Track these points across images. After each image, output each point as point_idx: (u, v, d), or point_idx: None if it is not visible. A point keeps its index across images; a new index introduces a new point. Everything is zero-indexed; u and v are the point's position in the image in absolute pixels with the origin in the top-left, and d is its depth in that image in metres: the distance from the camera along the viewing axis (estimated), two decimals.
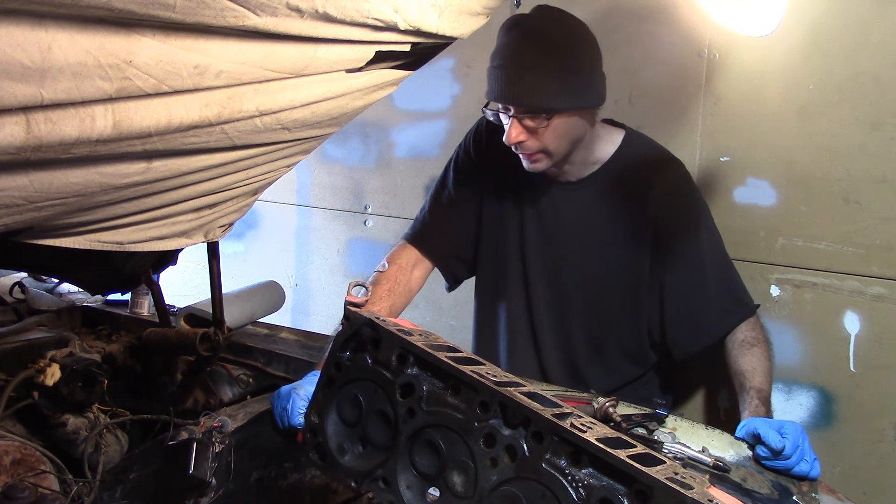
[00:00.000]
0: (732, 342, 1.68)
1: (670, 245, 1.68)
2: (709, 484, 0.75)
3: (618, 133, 1.75)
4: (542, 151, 1.60)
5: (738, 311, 1.71)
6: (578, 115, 1.58)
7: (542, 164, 1.62)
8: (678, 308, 1.71)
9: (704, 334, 1.71)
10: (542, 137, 1.56)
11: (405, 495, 0.83)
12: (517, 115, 1.54)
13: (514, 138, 1.56)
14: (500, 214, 1.83)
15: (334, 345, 0.93)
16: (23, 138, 0.76)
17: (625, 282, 1.73)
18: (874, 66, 1.75)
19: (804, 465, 1.28)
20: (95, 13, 0.71)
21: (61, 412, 1.43)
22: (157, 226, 1.28)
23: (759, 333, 1.69)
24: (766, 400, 1.53)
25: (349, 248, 2.81)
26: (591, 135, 1.67)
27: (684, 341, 1.73)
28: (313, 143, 1.24)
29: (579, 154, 1.68)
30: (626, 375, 1.84)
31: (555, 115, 1.53)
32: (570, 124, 1.57)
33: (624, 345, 1.80)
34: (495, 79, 1.54)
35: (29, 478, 1.21)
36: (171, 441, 1.33)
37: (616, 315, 1.77)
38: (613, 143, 1.72)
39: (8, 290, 1.97)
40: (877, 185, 1.78)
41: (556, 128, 1.55)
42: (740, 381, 1.59)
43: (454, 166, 1.88)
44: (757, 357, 1.62)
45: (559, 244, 1.77)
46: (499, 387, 0.79)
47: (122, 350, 1.69)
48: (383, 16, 0.94)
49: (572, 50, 1.52)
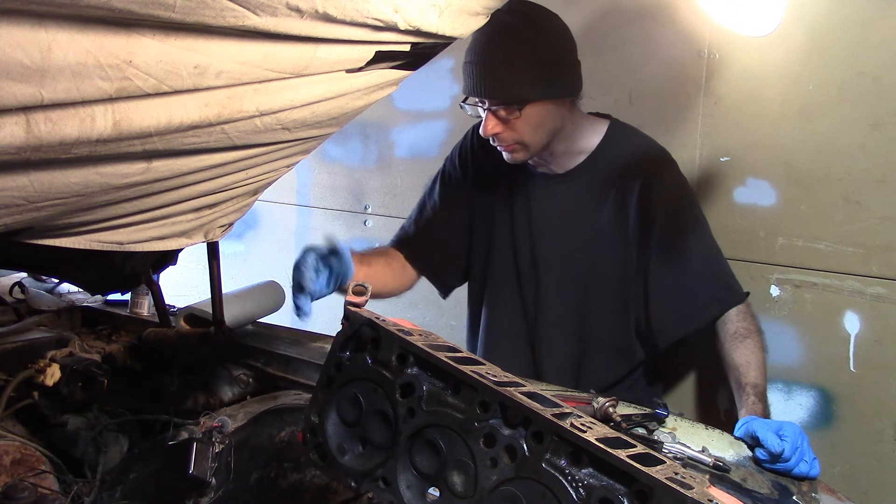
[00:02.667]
0: (724, 334, 1.67)
1: (655, 231, 1.68)
2: (709, 484, 0.75)
3: (602, 123, 1.76)
4: (519, 142, 1.62)
5: (726, 297, 1.69)
6: (553, 105, 1.60)
7: (520, 154, 1.65)
8: (662, 293, 1.71)
9: (688, 319, 1.70)
10: (516, 128, 1.59)
11: (405, 495, 0.83)
12: (491, 107, 1.58)
13: (489, 130, 1.59)
14: (490, 216, 1.85)
15: (334, 345, 0.93)
16: (23, 138, 0.76)
17: (613, 272, 1.74)
18: (874, 66, 1.75)
19: (804, 465, 1.28)
20: (95, 13, 0.71)
21: (61, 412, 1.43)
22: (157, 226, 1.28)
23: (751, 324, 1.67)
24: (762, 395, 1.53)
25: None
26: (573, 125, 1.69)
27: (668, 327, 1.72)
28: (313, 143, 1.24)
29: (562, 144, 1.69)
30: (615, 372, 1.83)
31: (526, 105, 1.55)
32: (544, 114, 1.60)
33: (614, 339, 1.80)
34: (468, 74, 1.58)
35: (29, 478, 1.21)
36: (171, 441, 1.33)
37: (605, 307, 1.77)
38: (598, 134, 1.73)
39: (8, 290, 1.97)
40: (877, 185, 1.78)
41: (530, 118, 1.58)
42: (735, 376, 1.59)
43: (441, 179, 1.91)
44: (750, 350, 1.61)
45: (548, 238, 1.78)
46: (499, 387, 0.79)
47: (122, 350, 1.69)
48: (383, 16, 0.94)
49: (541, 41, 1.55)
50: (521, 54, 1.52)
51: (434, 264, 1.91)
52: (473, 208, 1.87)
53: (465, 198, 1.87)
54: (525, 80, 1.54)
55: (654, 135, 1.83)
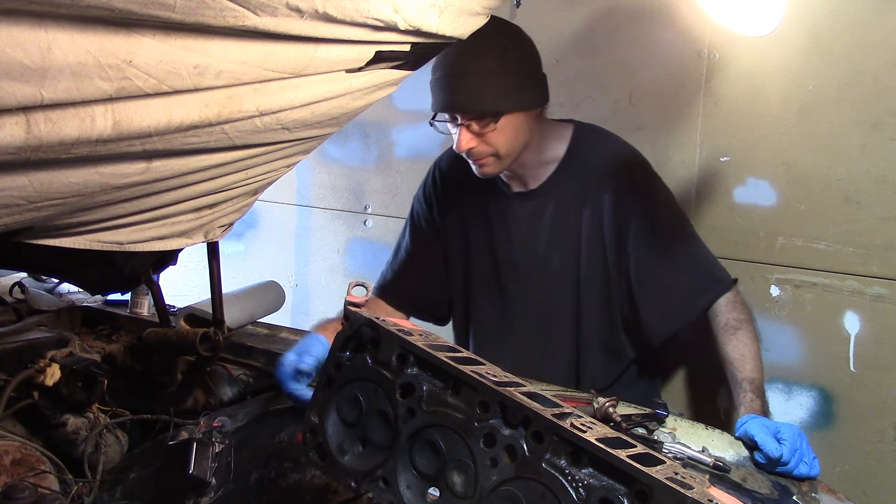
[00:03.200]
0: (716, 326, 1.65)
1: (631, 232, 1.68)
2: (709, 484, 0.75)
3: (567, 129, 1.76)
4: (493, 155, 1.63)
5: (712, 287, 1.68)
6: (525, 115, 1.61)
7: (492, 168, 1.66)
8: (647, 292, 1.70)
9: (677, 315, 1.70)
10: (491, 141, 1.60)
11: (405, 495, 0.83)
12: (465, 122, 1.57)
13: (464, 145, 1.59)
14: (467, 245, 1.86)
15: (334, 345, 0.93)
16: (23, 138, 0.76)
17: (598, 277, 1.74)
18: (874, 66, 1.75)
19: (804, 466, 1.28)
20: (95, 13, 0.71)
21: (61, 412, 1.43)
22: (157, 226, 1.28)
23: (741, 313, 1.65)
24: (759, 391, 1.52)
25: (349, 248, 2.81)
26: (541, 135, 1.70)
27: (657, 324, 1.72)
28: (313, 143, 1.24)
29: (531, 156, 1.70)
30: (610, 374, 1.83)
31: (501, 116, 1.56)
32: (518, 125, 1.60)
33: (605, 342, 1.80)
34: (439, 89, 1.57)
35: (29, 478, 1.21)
36: (171, 441, 1.33)
37: (594, 312, 1.77)
38: (565, 140, 1.74)
39: (8, 290, 1.97)
40: (877, 185, 1.78)
41: (504, 129, 1.58)
42: (731, 371, 1.58)
43: (411, 220, 1.94)
44: (743, 342, 1.60)
45: (531, 256, 1.79)
46: (499, 387, 0.79)
47: (122, 350, 1.68)
48: (383, 16, 0.94)
49: (511, 52, 1.55)
50: (493, 66, 1.52)
51: (417, 304, 1.94)
52: (446, 242, 1.89)
53: (436, 233, 1.90)
54: (498, 91, 1.54)
55: (655, 135, 1.83)
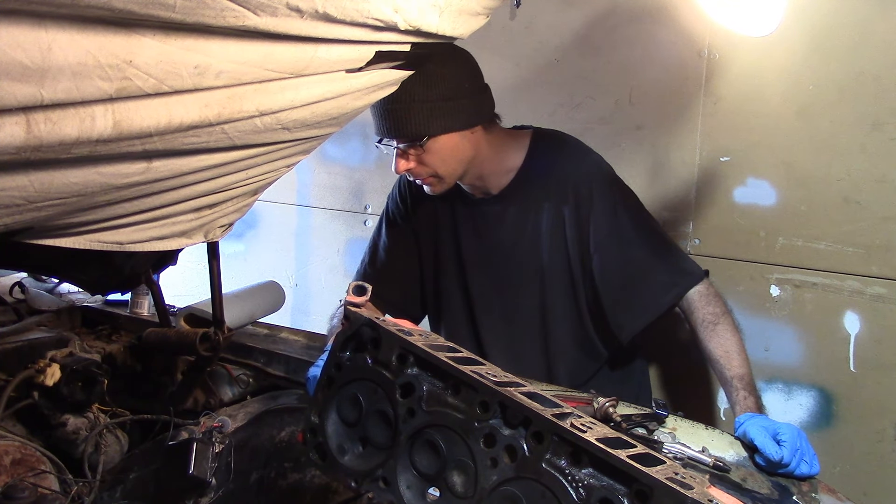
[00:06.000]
0: (694, 322, 1.64)
1: (591, 233, 1.69)
2: (709, 484, 0.75)
3: (525, 136, 1.78)
4: (433, 175, 1.67)
5: (680, 281, 1.66)
6: (458, 136, 1.63)
7: (438, 186, 1.70)
8: (610, 290, 1.71)
9: (642, 311, 1.69)
10: (426, 162, 1.64)
11: (405, 495, 0.82)
12: (398, 146, 1.63)
13: (400, 168, 1.65)
14: (435, 247, 1.89)
15: (334, 345, 0.93)
16: (23, 138, 0.76)
17: (562, 279, 1.75)
18: (874, 66, 1.75)
19: (804, 466, 1.28)
20: (95, 13, 0.71)
21: (61, 412, 1.43)
22: (157, 226, 1.28)
23: (717, 307, 1.63)
24: (750, 386, 1.51)
25: (349, 248, 2.81)
26: (493, 147, 1.71)
27: (625, 321, 1.72)
28: (313, 143, 1.24)
29: (488, 167, 1.72)
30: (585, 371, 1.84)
31: (427, 140, 1.60)
32: (451, 145, 1.63)
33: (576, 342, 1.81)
34: (373, 115, 1.63)
35: (29, 478, 1.21)
36: (171, 441, 1.33)
37: (562, 313, 1.78)
38: (523, 147, 1.76)
39: (8, 290, 1.97)
40: (877, 185, 1.78)
41: (437, 151, 1.62)
42: (718, 369, 1.58)
43: (387, 218, 1.96)
44: (724, 337, 1.59)
45: (497, 259, 1.80)
46: (499, 387, 0.79)
47: (122, 350, 1.69)
48: (383, 16, 0.95)
49: (435, 78, 1.57)
50: (415, 93, 1.55)
51: (395, 301, 1.94)
52: (418, 241, 1.92)
53: (411, 231, 1.92)
54: (421, 117, 1.57)
55: (655, 135, 1.83)
